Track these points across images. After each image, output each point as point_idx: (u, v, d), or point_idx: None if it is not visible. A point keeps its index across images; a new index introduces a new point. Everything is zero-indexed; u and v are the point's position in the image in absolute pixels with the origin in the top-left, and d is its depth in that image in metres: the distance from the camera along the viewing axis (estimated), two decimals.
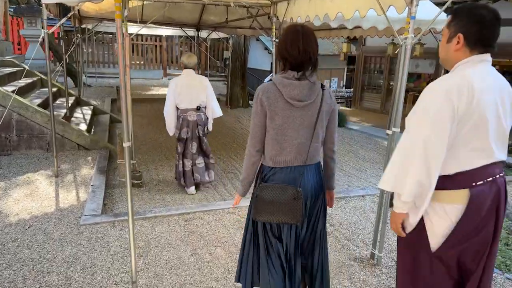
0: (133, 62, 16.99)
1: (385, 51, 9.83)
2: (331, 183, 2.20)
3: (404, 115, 1.96)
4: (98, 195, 3.99)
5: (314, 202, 2.02)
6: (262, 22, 5.85)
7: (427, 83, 12.17)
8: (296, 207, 1.87)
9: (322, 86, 1.94)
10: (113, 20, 9.37)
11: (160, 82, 15.44)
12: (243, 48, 10.89)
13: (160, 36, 16.97)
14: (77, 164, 5.09)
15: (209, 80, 4.65)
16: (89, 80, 14.35)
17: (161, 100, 11.69)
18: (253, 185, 2.12)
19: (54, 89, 7.43)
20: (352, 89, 20.29)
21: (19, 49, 13.75)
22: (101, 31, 14.13)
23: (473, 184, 1.56)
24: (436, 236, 1.62)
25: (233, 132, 8.29)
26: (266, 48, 19.69)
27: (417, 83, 12.73)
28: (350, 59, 16.34)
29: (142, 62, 17.27)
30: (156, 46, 17.16)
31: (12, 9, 12.16)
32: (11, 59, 7.92)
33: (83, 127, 6.00)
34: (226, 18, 7.56)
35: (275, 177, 1.96)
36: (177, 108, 4.41)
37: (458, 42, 1.58)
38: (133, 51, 16.90)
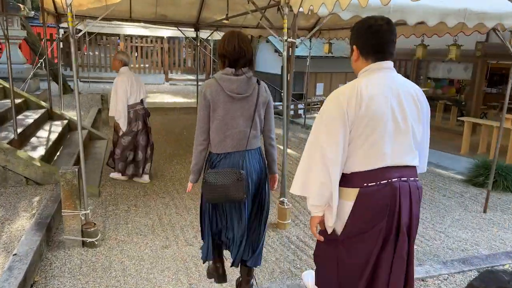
0: (132, 65, 15.75)
1: (412, 53, 8.39)
2: (273, 168, 2.49)
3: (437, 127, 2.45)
4: (16, 272, 2.62)
5: (258, 182, 2.33)
6: (272, 20, 4.53)
7: (457, 91, 10.32)
8: (240, 187, 2.13)
9: (258, 81, 2.25)
10: (95, 17, 8.07)
11: (161, 87, 14.14)
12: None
13: (162, 38, 15.70)
14: (14, 210, 3.73)
15: None
16: (80, 85, 13.10)
17: (161, 110, 10.50)
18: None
19: (19, 100, 6.14)
20: None
21: None
22: (94, 32, 12.91)
23: (364, 184, 1.67)
24: (338, 226, 1.78)
25: None
26: (277, 51, 18.31)
27: (445, 90, 11.18)
28: None
29: (142, 66, 16.00)
30: (155, 47, 15.89)
31: None
32: None
33: (40, 152, 4.67)
34: (227, 14, 6.19)
35: (220, 162, 2.25)
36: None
37: (355, 53, 1.74)
38: (133, 53, 15.66)
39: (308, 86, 10.28)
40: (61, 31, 15.20)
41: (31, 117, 5.78)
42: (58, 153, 5.31)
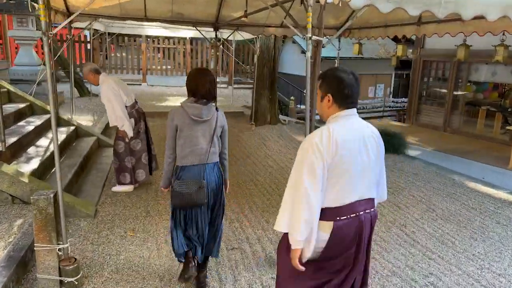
0: (153, 67, 15.40)
1: (452, 54, 7.52)
2: (225, 175, 2.90)
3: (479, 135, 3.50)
4: None
5: (216, 190, 2.77)
6: (297, 18, 3.90)
7: (500, 95, 8.73)
8: (202, 194, 2.62)
9: (217, 108, 2.77)
10: (109, 17, 7.64)
11: (182, 90, 13.68)
12: (273, 51, 8.84)
13: (184, 39, 15.28)
14: None
15: (237, 88, 4.77)
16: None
17: None
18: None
19: (23, 105, 5.73)
20: (403, 99, 17.80)
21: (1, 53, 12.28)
22: (114, 33, 12.60)
23: (337, 218, 1.88)
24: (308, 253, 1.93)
25: (255, 163, 6.26)
26: (303, 52, 17.57)
27: (487, 94, 10.16)
28: (402, 64, 13.84)
29: (164, 67, 15.64)
30: (177, 49, 15.48)
31: None
32: None
33: (33, 165, 4.18)
34: (245, 11, 5.57)
35: (184, 173, 2.68)
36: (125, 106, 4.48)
37: (328, 101, 1.92)
38: (155, 54, 15.33)
39: None
40: (87, 32, 15.07)
41: (33, 123, 5.35)
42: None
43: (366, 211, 1.94)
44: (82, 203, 3.99)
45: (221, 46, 13.14)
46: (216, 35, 8.06)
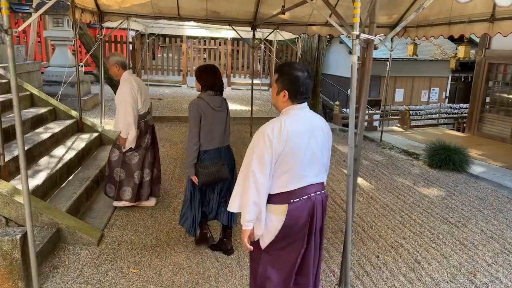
0: (194, 68, 15.05)
1: None
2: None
3: None
4: None
5: (232, 167, 3.28)
6: (345, 16, 3.17)
7: None
8: (225, 170, 3.10)
9: (224, 99, 3.22)
10: (141, 16, 7.22)
11: None
12: (316, 52, 8.05)
13: (226, 39, 14.81)
14: None
15: None
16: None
17: None
18: None
19: (44, 110, 5.39)
20: (461, 105, 16.25)
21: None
22: (155, 33, 12.34)
23: (291, 201, 2.05)
24: (266, 238, 2.12)
25: None
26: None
27: None
28: (460, 66, 12.47)
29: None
30: (217, 49, 15.03)
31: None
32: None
33: (38, 180, 3.74)
34: (283, 6, 4.87)
35: (207, 155, 3.10)
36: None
37: (284, 96, 2.07)
38: (197, 55, 14.99)
39: (386, 92, 8.56)
40: (132, 33, 15.02)
41: (51, 130, 4.97)
42: (71, 177, 4.39)
43: (317, 192, 2.12)
44: (86, 228, 3.48)
45: (262, 47, 12.55)
46: (253, 34, 7.41)
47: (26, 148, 4.08)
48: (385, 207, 4.71)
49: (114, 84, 10.27)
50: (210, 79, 3.06)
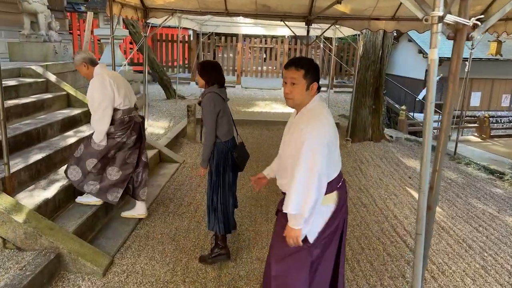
0: (248, 68, 14.54)
1: None
2: None
3: None
4: None
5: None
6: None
7: None
8: (246, 153, 3.28)
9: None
10: (188, 12, 6.76)
11: (276, 94, 12.54)
12: (380, 50, 7.08)
13: (282, 37, 14.12)
14: None
15: (337, 92, 3.61)
16: (187, 89, 12.33)
17: (262, 123, 8.80)
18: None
19: (79, 111, 5.08)
20: None
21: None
22: (208, 32, 11.98)
23: (337, 186, 2.12)
24: (313, 232, 2.06)
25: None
26: (421, 51, 15.02)
27: None
28: None
29: (259, 68, 14.69)
30: (274, 48, 14.36)
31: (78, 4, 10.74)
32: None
33: (48, 193, 3.32)
34: None
35: (229, 143, 3.11)
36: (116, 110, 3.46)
37: (313, 87, 2.06)
38: (252, 54, 14.48)
39: (463, 97, 7.37)
40: (190, 32, 14.90)
41: (81, 133, 4.62)
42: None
43: (342, 178, 2.20)
44: (92, 253, 2.98)
45: (321, 45, 11.68)
46: (308, 30, 6.63)
47: (45, 154, 3.74)
48: (461, 243, 3.74)
49: (165, 85, 10.04)
50: (216, 74, 3.06)
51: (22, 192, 3.29)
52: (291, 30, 6.80)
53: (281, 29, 11.28)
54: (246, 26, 11.35)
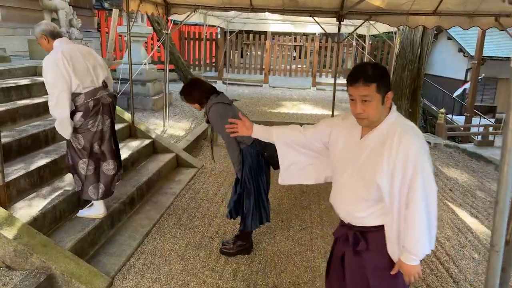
0: (277, 67, 14.10)
1: None
2: None
3: None
4: None
5: None
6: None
7: None
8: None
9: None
10: (211, 7, 6.42)
11: (305, 94, 12.06)
12: (419, 48, 6.49)
13: (313, 35, 13.60)
14: None
15: None
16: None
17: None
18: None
19: None
20: None
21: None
22: (235, 30, 11.65)
23: None
24: None
25: None
26: (461, 50, 14.12)
27: None
28: None
29: (288, 67, 14.23)
30: (303, 46, 13.86)
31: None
32: None
33: (49, 203, 3.04)
34: None
35: (255, 146, 2.92)
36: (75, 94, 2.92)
37: (388, 99, 1.68)
38: (282, 52, 14.04)
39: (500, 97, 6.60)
40: (219, 29, 14.64)
41: None
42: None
43: None
44: (88, 274, 2.67)
45: (354, 43, 11.10)
46: (339, 26, 6.13)
47: (51, 158, 3.48)
48: None
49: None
50: (200, 89, 2.95)
51: (21, 201, 3.03)
52: (321, 27, 6.33)
53: (311, 26, 10.78)
54: (274, 23, 10.92)
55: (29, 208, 2.94)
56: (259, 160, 2.95)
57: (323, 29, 6.45)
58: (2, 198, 2.81)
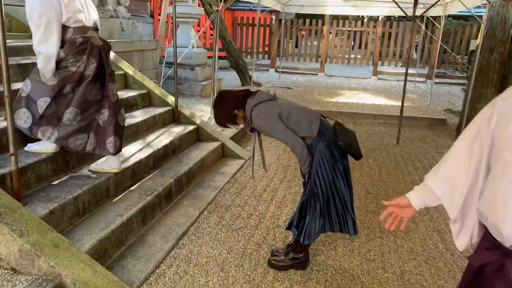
0: (341, 55, 13.19)
1: None
2: None
3: None
4: None
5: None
6: None
7: None
8: (351, 133, 2.44)
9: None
10: None
11: (365, 83, 11.10)
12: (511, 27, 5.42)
13: (375, 18, 12.52)
14: None
15: (437, 84, 1.82)
16: (266, 75, 11.41)
17: (359, 115, 7.51)
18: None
19: (133, 93, 4.40)
20: None
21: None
22: (291, 13, 10.91)
23: None
24: None
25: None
26: None
27: None
28: None
29: (346, 55, 13.26)
30: (365, 31, 12.81)
31: None
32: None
33: (74, 192, 2.60)
34: None
35: (324, 136, 2.34)
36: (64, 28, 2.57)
37: None
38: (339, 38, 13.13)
39: None
40: (283, 14, 14.00)
41: (132, 119, 3.92)
42: (134, 186, 3.21)
43: None
44: (106, 284, 2.16)
45: (423, 27, 9.96)
46: (415, 2, 5.23)
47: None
48: None
49: (240, 70, 9.24)
50: (231, 98, 2.45)
51: (39, 189, 2.62)
52: (398, 5, 5.41)
53: (374, 8, 9.82)
54: (332, 6, 10.08)
55: (47, 199, 2.50)
56: (332, 153, 2.32)
57: (400, 8, 5.52)
58: (15, 185, 2.39)
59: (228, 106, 2.43)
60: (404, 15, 6.04)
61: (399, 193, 3.86)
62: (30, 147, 2.77)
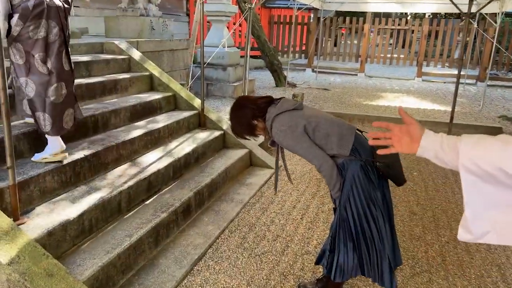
0: (383, 54, 12.51)
1: None
2: None
3: None
4: None
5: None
6: None
7: None
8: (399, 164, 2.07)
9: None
10: None
11: (409, 85, 10.40)
12: None
13: (421, 16, 11.74)
14: None
15: (490, 86, 1.32)
16: (302, 76, 10.95)
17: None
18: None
19: (159, 96, 4.15)
20: None
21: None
22: (330, 10, 10.42)
23: None
24: None
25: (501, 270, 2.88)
26: None
27: None
28: None
29: (389, 55, 12.56)
30: (409, 29, 12.06)
31: None
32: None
33: (82, 206, 2.35)
34: None
35: (358, 154, 1.97)
36: None
37: None
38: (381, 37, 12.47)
39: None
40: (322, 13, 13.56)
41: (154, 124, 3.66)
42: (150, 200, 2.93)
43: None
44: None
45: (474, 25, 9.17)
46: (470, 5, 4.64)
47: (92, 151, 2.79)
48: None
49: (275, 70, 8.88)
50: (250, 106, 2.09)
51: (43, 205, 2.39)
52: (452, 2, 4.83)
53: (421, 6, 9.15)
54: (375, 2, 9.50)
55: (49, 216, 2.27)
56: (368, 175, 1.93)
57: (455, 4, 4.94)
58: (13, 202, 2.15)
59: (246, 115, 2.09)
60: (454, 12, 5.45)
61: (449, 215, 3.37)
62: (36, 157, 2.55)
